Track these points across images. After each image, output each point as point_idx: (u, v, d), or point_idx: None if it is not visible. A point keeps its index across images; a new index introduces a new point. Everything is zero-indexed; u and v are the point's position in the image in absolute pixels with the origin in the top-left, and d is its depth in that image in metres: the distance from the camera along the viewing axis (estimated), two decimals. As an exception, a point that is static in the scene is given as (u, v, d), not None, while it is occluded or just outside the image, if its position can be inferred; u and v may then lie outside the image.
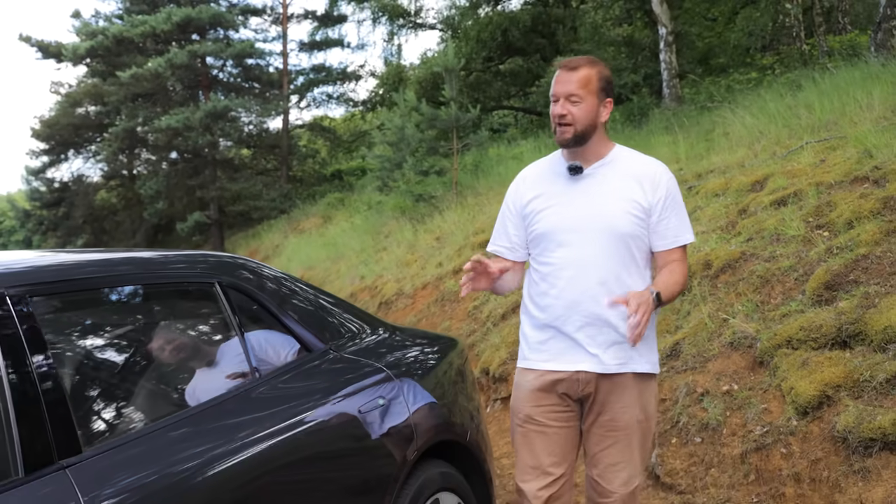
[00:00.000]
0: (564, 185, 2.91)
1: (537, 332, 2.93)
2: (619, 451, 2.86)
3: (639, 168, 2.89)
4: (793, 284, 4.78)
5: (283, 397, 2.47)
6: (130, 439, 2.03)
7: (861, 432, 3.49)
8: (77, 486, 1.81)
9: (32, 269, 2.10)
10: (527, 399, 2.92)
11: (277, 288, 2.78)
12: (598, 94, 2.85)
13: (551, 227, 2.89)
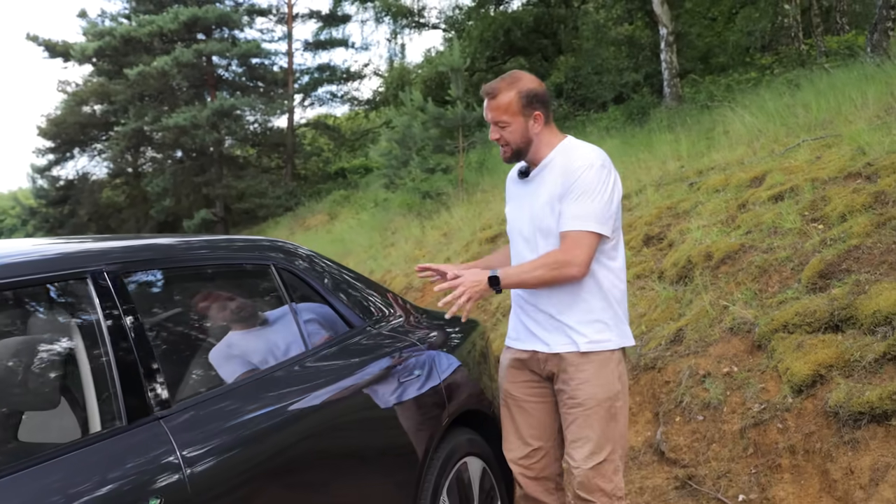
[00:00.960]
0: (519, 187, 3.21)
1: (513, 314, 3.25)
2: (579, 427, 3.00)
3: (567, 164, 3.01)
4: (789, 274, 5.07)
5: (332, 366, 2.78)
6: (211, 396, 2.33)
7: (851, 407, 3.78)
8: (170, 434, 2.11)
9: (124, 249, 2.40)
10: (504, 376, 3.22)
11: (323, 271, 3.09)
12: (522, 113, 3.00)
13: (512, 222, 3.22)
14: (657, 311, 5.73)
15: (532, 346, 3.10)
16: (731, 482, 4.10)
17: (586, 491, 3.00)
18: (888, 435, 3.59)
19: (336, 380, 2.72)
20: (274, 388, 2.51)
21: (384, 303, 3.40)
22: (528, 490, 3.17)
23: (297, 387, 2.57)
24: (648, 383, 5.07)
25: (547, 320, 3.05)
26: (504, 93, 3.00)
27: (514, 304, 3.22)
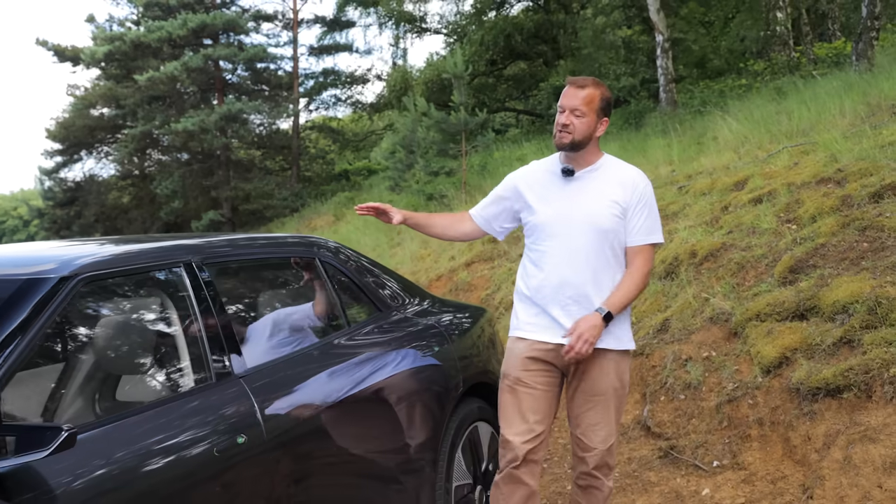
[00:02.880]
0: (559, 184, 3.36)
1: (528, 307, 3.37)
2: (598, 414, 3.30)
3: (620, 174, 3.33)
4: (764, 269, 5.64)
5: (370, 341, 3.36)
6: (278, 362, 2.91)
7: (810, 384, 4.34)
8: (249, 390, 2.68)
9: (206, 244, 2.97)
10: (518, 364, 3.34)
11: (357, 263, 3.66)
12: (597, 113, 3.28)
13: (544, 219, 3.32)
14: (646, 303, 6.28)
15: (560, 341, 3.25)
16: (707, 451, 4.66)
17: (599, 469, 3.33)
18: (840, 407, 4.16)
19: (373, 352, 3.30)
20: (325, 357, 3.09)
21: (405, 290, 3.96)
22: (519, 471, 3.30)
23: (343, 356, 3.14)
24: (637, 368, 5.63)
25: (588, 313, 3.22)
26: (591, 88, 3.27)
27: (539, 300, 3.32)
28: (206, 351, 2.65)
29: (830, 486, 3.84)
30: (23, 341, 2.15)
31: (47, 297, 2.27)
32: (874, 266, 4.88)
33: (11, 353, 2.11)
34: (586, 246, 3.26)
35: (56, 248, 2.74)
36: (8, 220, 69.99)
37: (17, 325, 2.17)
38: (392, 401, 3.26)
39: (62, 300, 2.30)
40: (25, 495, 1.93)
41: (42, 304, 2.24)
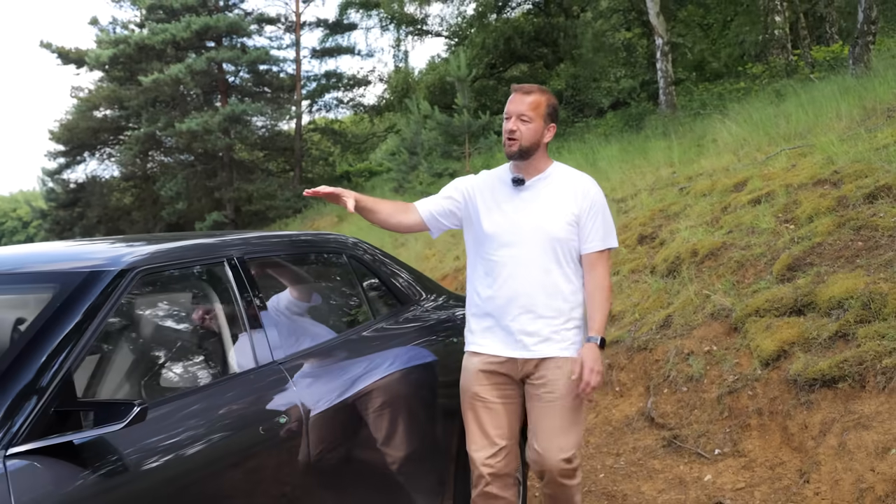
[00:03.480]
0: (509, 194, 3.33)
1: (481, 320, 3.34)
2: (555, 422, 3.23)
3: (571, 182, 3.33)
4: (762, 267, 5.86)
5: (395, 331, 3.59)
6: (313, 350, 3.14)
7: (807, 375, 4.57)
8: (287, 374, 2.90)
9: (246, 241, 3.20)
10: (474, 379, 3.31)
11: (382, 260, 3.89)
12: (544, 119, 3.27)
13: (496, 229, 3.28)
14: (649, 300, 6.51)
15: (515, 352, 3.26)
16: (709, 440, 4.88)
17: (564, 476, 3.25)
18: (835, 396, 4.38)
19: (397, 341, 3.52)
20: (355, 345, 3.31)
21: (422, 285, 4.19)
22: (490, 488, 3.29)
23: (371, 345, 3.37)
24: (641, 362, 5.85)
25: (541, 327, 3.23)
26: (538, 94, 3.28)
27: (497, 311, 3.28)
28: (249, 338, 2.87)
29: (826, 471, 4.06)
30: (90, 327, 2.36)
31: (109, 287, 2.49)
32: (868, 264, 5.11)
33: (82, 337, 2.32)
34: (539, 256, 3.24)
35: (112, 245, 2.95)
36: (7, 222, 70.17)
37: (85, 313, 2.38)
38: (417, 387, 3.48)
39: (122, 291, 2.51)
40: (102, 463, 2.15)
41: (105, 294, 2.46)
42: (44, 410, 2.13)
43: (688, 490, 4.52)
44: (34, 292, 2.58)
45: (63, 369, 2.22)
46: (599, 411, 5.85)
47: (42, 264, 2.76)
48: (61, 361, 2.24)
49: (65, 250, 2.98)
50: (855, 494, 3.84)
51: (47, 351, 2.24)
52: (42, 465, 2.04)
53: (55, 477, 2.05)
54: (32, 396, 2.13)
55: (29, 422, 2.09)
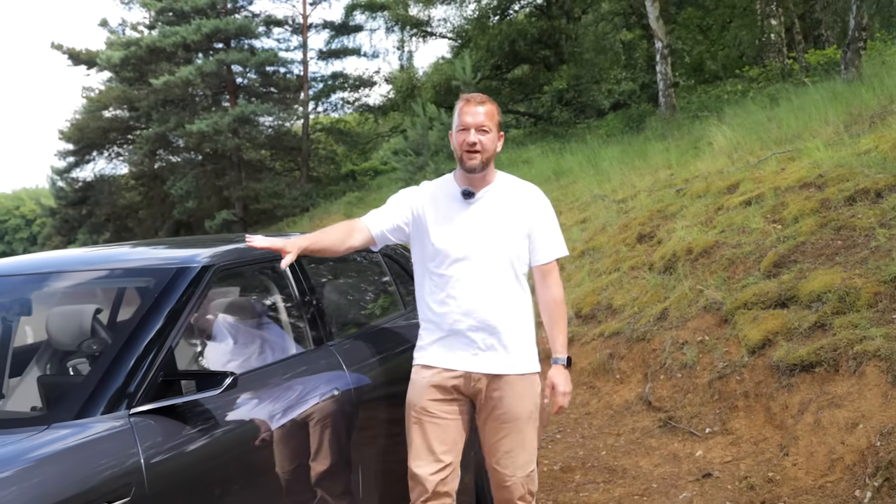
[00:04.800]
0: (459, 207, 3.25)
1: (434, 333, 3.26)
2: (513, 440, 3.20)
3: (519, 192, 3.31)
4: (751, 264, 6.37)
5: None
6: (356, 335, 3.65)
7: (788, 361, 5.08)
8: (339, 356, 3.41)
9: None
10: (424, 393, 3.21)
11: (407, 256, 4.40)
12: (497, 127, 3.25)
13: (448, 244, 3.20)
14: (647, 295, 7.01)
15: (469, 367, 3.19)
16: (700, 420, 5.40)
17: (519, 497, 3.25)
18: (812, 380, 4.89)
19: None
20: (390, 332, 3.84)
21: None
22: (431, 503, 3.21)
23: (404, 332, 3.89)
24: (640, 351, 6.37)
25: (497, 342, 3.20)
26: (489, 104, 3.24)
27: (446, 327, 3.22)
28: (305, 325, 3.39)
29: (803, 445, 4.57)
30: (183, 312, 2.88)
31: (195, 280, 2.99)
32: (846, 261, 5.62)
33: (177, 320, 2.84)
34: (493, 270, 3.20)
35: (188, 246, 3.46)
36: (10, 219, 70.67)
37: (178, 300, 2.89)
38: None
39: (205, 283, 3.02)
40: (201, 420, 2.66)
41: (193, 286, 2.97)
42: (153, 379, 2.64)
43: (681, 464, 5.03)
44: (136, 284, 3.10)
45: (165, 345, 2.73)
46: (601, 397, 6.36)
47: (140, 262, 3.29)
48: (163, 339, 2.75)
49: (152, 250, 3.49)
50: (827, 464, 4.36)
51: (152, 331, 2.75)
52: (155, 422, 2.55)
53: (165, 431, 2.55)
54: (143, 368, 2.64)
55: (143, 388, 2.60)
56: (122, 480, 2.31)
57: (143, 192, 33.17)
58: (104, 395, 2.52)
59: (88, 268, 3.33)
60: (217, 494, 2.65)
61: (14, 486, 2.10)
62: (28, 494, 2.09)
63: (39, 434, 2.32)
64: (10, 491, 2.07)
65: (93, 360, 2.95)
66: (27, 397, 3.50)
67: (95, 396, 2.52)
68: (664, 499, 4.62)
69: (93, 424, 2.42)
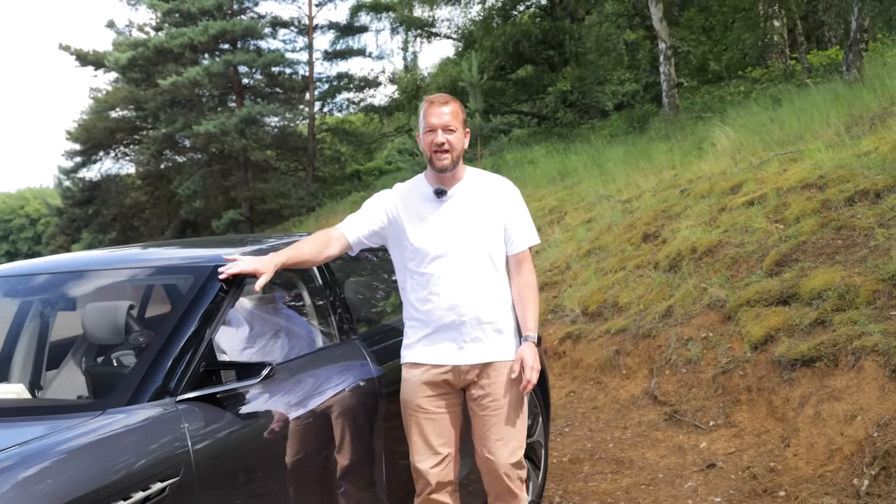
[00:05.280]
0: (433, 206, 3.34)
1: (420, 331, 3.36)
2: (502, 428, 3.32)
3: (489, 185, 3.41)
4: (754, 263, 6.55)
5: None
6: (378, 329, 3.85)
7: (790, 356, 5.27)
8: (363, 348, 3.61)
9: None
10: (416, 391, 3.33)
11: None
12: (463, 125, 3.34)
13: (426, 243, 3.29)
14: (653, 293, 7.20)
15: (456, 360, 3.31)
16: (704, 414, 5.59)
17: (510, 481, 3.35)
18: (813, 374, 5.08)
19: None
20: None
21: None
22: (435, 495, 3.35)
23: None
24: (645, 347, 6.55)
25: (482, 333, 3.31)
26: (453, 103, 3.32)
27: (432, 323, 3.32)
28: (332, 319, 3.59)
29: (804, 436, 4.76)
30: (221, 306, 3.07)
31: (232, 277, 3.19)
32: (846, 260, 5.81)
33: (215, 314, 3.03)
34: (471, 264, 3.30)
35: (224, 245, 3.66)
36: (15, 219, 70.96)
37: (215, 296, 3.09)
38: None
39: (240, 280, 3.22)
40: (243, 404, 2.86)
41: (229, 282, 3.17)
42: (196, 368, 2.83)
43: (686, 455, 5.22)
44: (176, 281, 3.30)
45: (205, 338, 2.93)
46: (608, 392, 6.56)
47: (178, 261, 3.49)
48: (203, 332, 2.94)
49: (187, 250, 3.70)
50: (827, 455, 4.55)
51: (193, 325, 2.95)
52: (199, 409, 2.74)
53: (208, 417, 2.74)
54: (187, 358, 2.84)
55: (188, 377, 2.79)
56: (173, 461, 2.51)
57: (150, 192, 33.42)
58: (152, 384, 2.71)
59: (131, 266, 3.53)
60: (254, 476, 2.84)
61: (86, 461, 2.30)
62: (97, 469, 2.29)
63: (98, 418, 2.51)
64: (82, 464, 2.28)
65: (137, 351, 3.15)
66: (66, 388, 3.72)
67: (144, 385, 2.71)
68: (670, 488, 4.81)
69: (143, 410, 2.61)
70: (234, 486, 2.73)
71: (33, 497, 2.12)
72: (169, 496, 2.46)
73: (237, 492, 2.74)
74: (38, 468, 2.20)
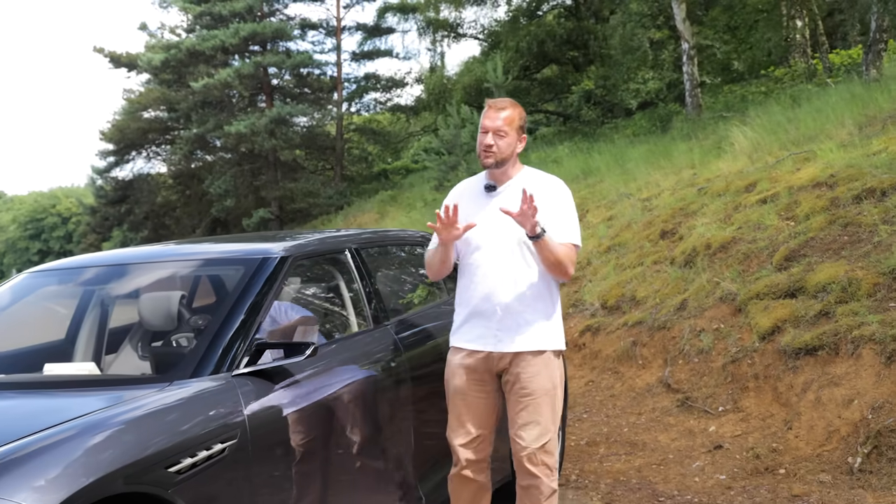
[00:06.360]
0: (482, 200, 3.60)
1: (463, 317, 3.62)
2: (530, 414, 3.48)
3: (539, 184, 3.56)
4: (765, 258, 6.87)
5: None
6: (406, 316, 4.23)
7: (794, 345, 5.59)
8: (394, 332, 3.98)
9: (358, 235, 4.29)
10: (455, 373, 3.60)
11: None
12: (517, 131, 3.55)
13: (471, 233, 3.51)
14: (668, 287, 7.53)
15: (491, 348, 3.52)
16: (714, 400, 5.92)
17: (533, 465, 3.47)
18: (815, 362, 5.40)
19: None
20: (435, 315, 4.41)
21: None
22: (466, 471, 3.57)
23: (445, 316, 4.45)
24: (660, 339, 6.89)
25: (512, 322, 3.49)
26: (511, 109, 3.54)
27: (470, 311, 3.57)
28: (364, 306, 3.97)
29: (805, 419, 5.09)
30: (269, 293, 3.46)
31: (277, 268, 3.57)
32: (850, 255, 6.12)
33: (265, 299, 3.42)
34: (508, 256, 3.49)
35: (268, 240, 4.06)
36: (47, 218, 72.10)
37: (264, 284, 3.47)
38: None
39: (285, 271, 3.60)
40: (289, 379, 3.24)
41: (275, 272, 3.55)
42: (249, 347, 3.22)
43: (695, 438, 5.56)
44: (231, 271, 3.69)
45: (256, 321, 3.32)
46: (625, 381, 6.90)
47: (230, 254, 3.89)
48: (254, 315, 3.33)
49: (236, 245, 4.10)
50: (825, 436, 4.88)
51: (245, 309, 3.33)
52: (252, 382, 3.12)
53: (260, 389, 3.12)
54: (240, 338, 3.22)
55: (241, 354, 3.17)
56: (231, 426, 2.89)
57: (181, 191, 34.00)
58: (211, 360, 3.10)
59: (188, 258, 3.94)
60: (299, 441, 3.22)
61: (160, 422, 2.70)
62: (170, 429, 2.69)
63: (167, 389, 2.90)
64: (157, 424, 2.68)
65: (196, 333, 3.55)
66: (126, 369, 4.12)
67: (204, 361, 3.10)
68: (679, 467, 5.15)
69: (205, 383, 2.99)
70: (281, 450, 3.11)
71: (123, 446, 2.51)
72: (228, 456, 2.84)
73: (284, 455, 3.12)
74: (122, 425, 2.59)
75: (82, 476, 2.34)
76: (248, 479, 2.91)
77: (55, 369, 3.62)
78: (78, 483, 2.32)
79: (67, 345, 4.28)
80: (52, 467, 2.33)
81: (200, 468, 2.71)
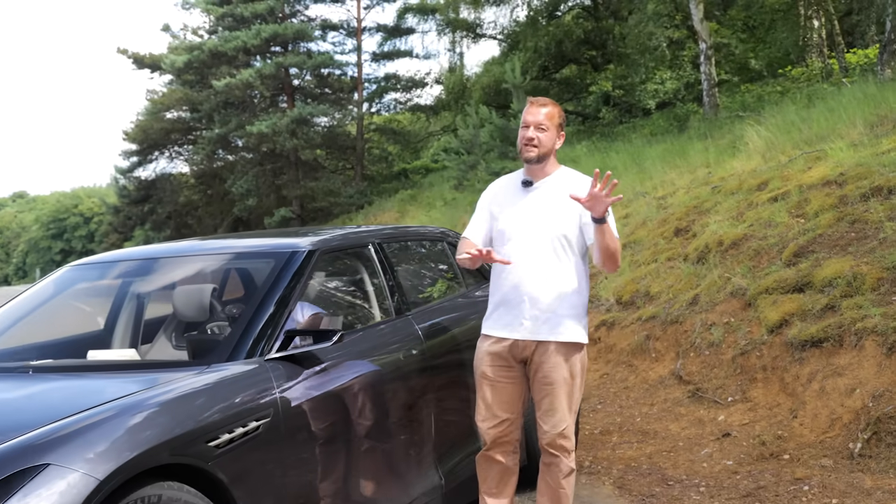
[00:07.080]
0: (519, 194, 3.79)
1: (493, 306, 3.83)
2: (550, 401, 3.67)
3: (574, 182, 3.74)
4: (774, 255, 7.06)
5: (482, 298, 4.90)
6: (426, 308, 4.47)
7: (801, 337, 5.78)
8: (415, 322, 4.21)
9: (380, 231, 4.53)
10: (482, 360, 3.80)
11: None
12: (556, 128, 3.75)
13: (504, 226, 3.74)
14: (681, 283, 7.73)
15: (517, 336, 3.69)
16: (724, 391, 6.13)
17: (552, 448, 3.70)
18: (821, 353, 5.60)
19: (482, 304, 4.85)
20: (454, 306, 4.64)
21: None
22: (491, 451, 3.80)
23: (465, 307, 4.69)
24: (673, 333, 7.10)
25: (539, 313, 3.65)
26: (551, 107, 3.75)
27: (503, 299, 3.75)
28: (386, 297, 4.21)
29: (809, 408, 5.30)
30: (297, 284, 3.70)
31: (305, 261, 3.81)
32: (857, 251, 6.30)
33: (294, 290, 3.66)
34: (539, 249, 3.66)
35: (295, 235, 4.31)
36: (69, 217, 72.87)
37: (293, 276, 3.72)
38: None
39: (312, 264, 3.85)
40: (317, 364, 3.48)
41: (303, 265, 3.79)
42: (279, 334, 3.46)
43: (705, 427, 5.77)
44: (261, 264, 3.95)
45: (287, 309, 3.56)
46: (638, 373, 7.11)
47: (260, 248, 4.15)
48: (284, 304, 3.57)
49: (265, 239, 4.35)
50: (828, 423, 5.08)
51: (275, 299, 3.58)
52: (283, 366, 3.36)
53: (291, 372, 3.36)
54: (272, 325, 3.47)
55: (273, 340, 3.42)
56: (265, 405, 3.13)
57: (203, 191, 34.41)
58: (245, 346, 3.35)
59: (222, 252, 4.20)
60: (327, 421, 3.46)
61: (200, 401, 2.94)
62: (209, 407, 2.93)
63: (206, 371, 3.15)
64: (198, 403, 2.93)
65: (231, 321, 3.81)
66: (162, 357, 4.38)
67: (239, 346, 3.34)
68: (688, 454, 5.37)
69: (240, 366, 3.24)
70: (310, 429, 3.35)
71: (168, 421, 2.75)
72: (262, 433, 3.08)
73: (313, 433, 3.36)
74: (167, 403, 2.84)
75: (135, 446, 2.59)
76: (280, 455, 3.15)
77: (98, 355, 3.89)
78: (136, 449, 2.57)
79: (106, 334, 4.55)
80: (103, 440, 2.56)
81: (237, 443, 2.95)
